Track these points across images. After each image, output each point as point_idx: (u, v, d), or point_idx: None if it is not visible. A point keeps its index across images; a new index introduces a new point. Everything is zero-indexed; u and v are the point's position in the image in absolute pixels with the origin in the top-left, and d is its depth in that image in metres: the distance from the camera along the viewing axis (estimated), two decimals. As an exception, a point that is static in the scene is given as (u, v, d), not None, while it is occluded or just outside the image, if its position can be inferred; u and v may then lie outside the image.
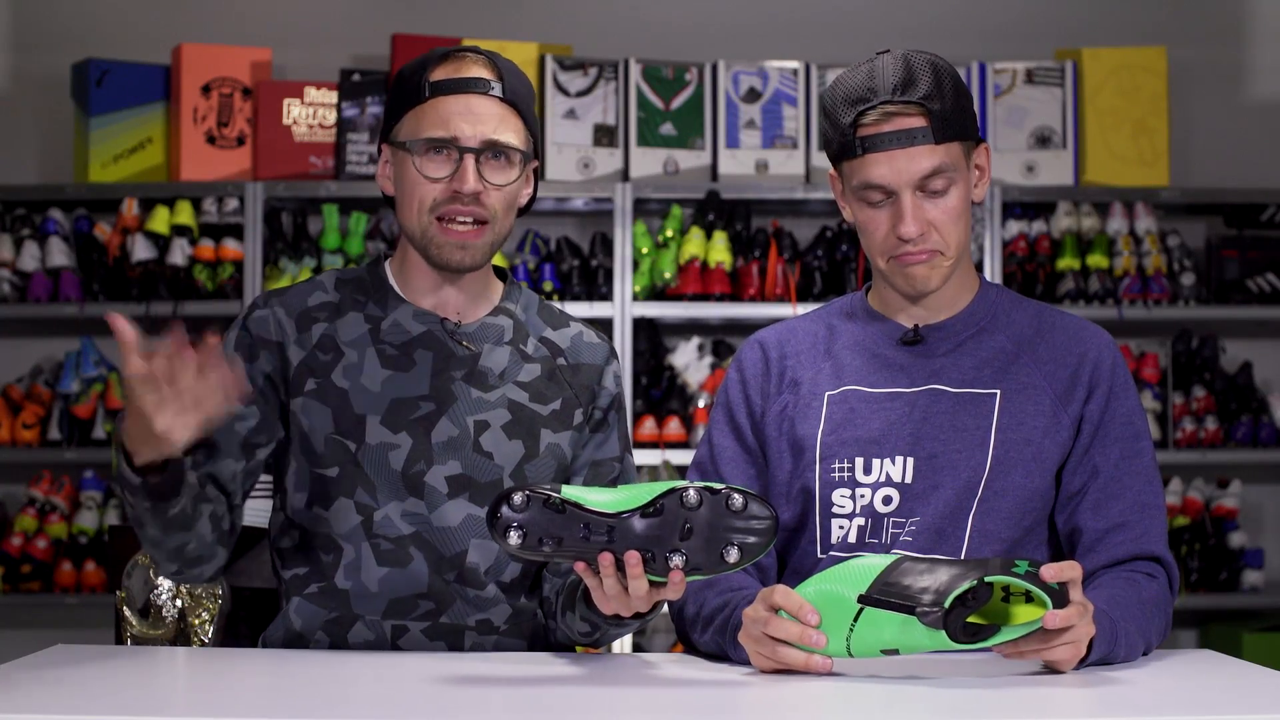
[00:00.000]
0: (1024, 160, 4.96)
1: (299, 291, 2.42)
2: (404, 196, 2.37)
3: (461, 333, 2.40)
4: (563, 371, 2.44)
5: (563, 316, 2.50)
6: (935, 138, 2.26)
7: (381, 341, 2.38)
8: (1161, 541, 2.30)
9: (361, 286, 2.43)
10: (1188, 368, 5.10)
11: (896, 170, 2.26)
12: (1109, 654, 2.10)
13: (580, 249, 5.02)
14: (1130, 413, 2.34)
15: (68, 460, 4.95)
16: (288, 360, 2.37)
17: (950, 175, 2.28)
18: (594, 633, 2.30)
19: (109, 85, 4.90)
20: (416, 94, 2.35)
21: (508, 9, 5.25)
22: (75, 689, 1.96)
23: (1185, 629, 5.17)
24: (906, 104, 2.26)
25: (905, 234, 2.26)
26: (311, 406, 2.35)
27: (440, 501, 2.33)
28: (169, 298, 4.84)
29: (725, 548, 1.99)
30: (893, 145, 2.25)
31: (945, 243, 2.30)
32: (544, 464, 2.39)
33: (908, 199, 2.26)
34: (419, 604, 2.32)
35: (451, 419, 2.35)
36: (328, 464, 2.34)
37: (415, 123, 2.35)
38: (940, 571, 1.98)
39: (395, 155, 2.38)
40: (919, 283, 2.31)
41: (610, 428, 2.47)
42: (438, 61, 2.37)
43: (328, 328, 2.39)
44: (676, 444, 4.86)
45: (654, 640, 4.95)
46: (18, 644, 4.05)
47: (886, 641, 2.00)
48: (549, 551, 2.00)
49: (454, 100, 2.34)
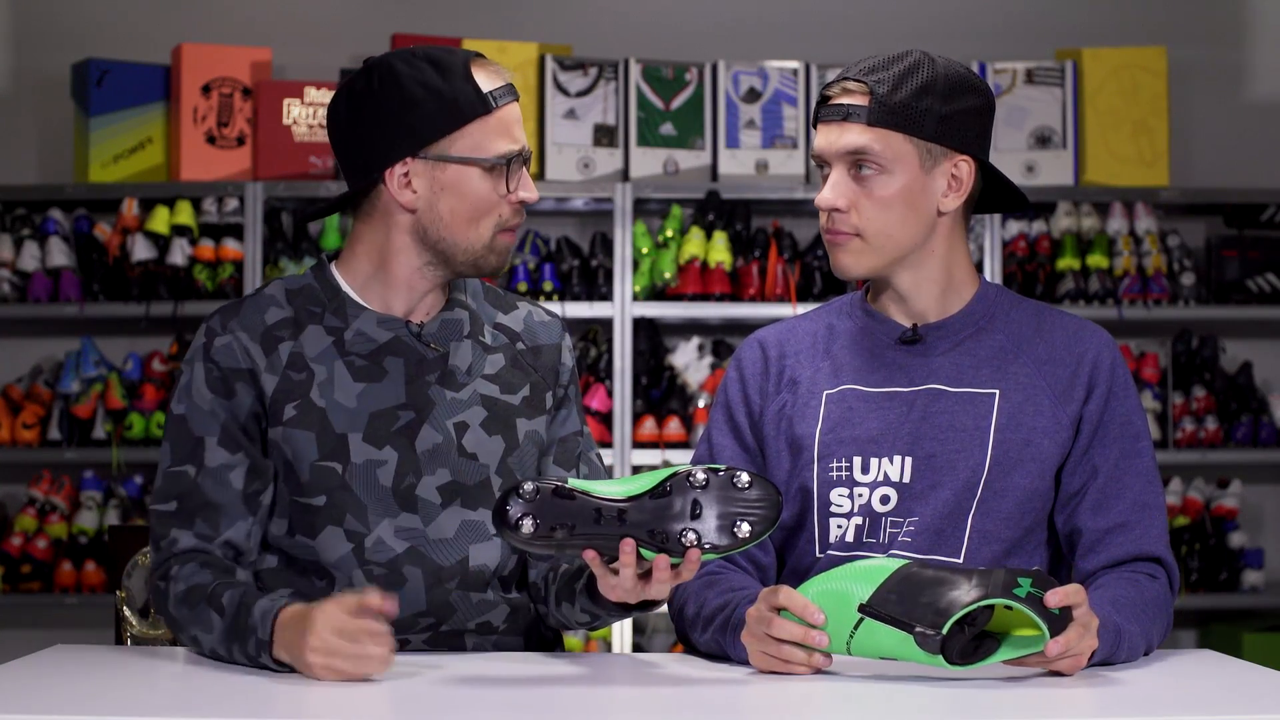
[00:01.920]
0: (1024, 160, 4.96)
1: (253, 309, 2.31)
2: (463, 212, 2.27)
3: (426, 333, 2.34)
4: (524, 356, 2.41)
5: (509, 298, 2.45)
6: (868, 119, 2.27)
7: (348, 353, 2.30)
8: (1162, 542, 2.30)
9: (313, 297, 2.33)
10: (1188, 368, 5.09)
11: (829, 141, 2.31)
12: (1111, 655, 2.10)
13: (580, 249, 5.02)
14: (1130, 412, 2.34)
15: (68, 460, 4.95)
16: (262, 389, 2.28)
17: (883, 163, 2.28)
18: (594, 621, 2.30)
19: (109, 85, 4.90)
20: (479, 105, 2.25)
21: (508, 9, 5.25)
22: (75, 689, 1.96)
23: (1185, 629, 5.17)
24: (856, 82, 2.29)
25: (820, 200, 2.31)
26: (293, 435, 2.27)
27: (435, 514, 2.30)
28: (169, 298, 4.84)
29: (736, 523, 2.01)
30: (830, 118, 2.31)
31: (865, 228, 2.30)
32: (526, 453, 2.37)
33: (834, 171, 2.31)
34: (419, 620, 2.30)
35: (433, 425, 2.31)
36: (313, 493, 2.27)
37: (480, 136, 2.26)
38: (942, 587, 1.98)
39: (441, 169, 2.26)
40: (839, 266, 2.33)
41: (570, 402, 2.45)
42: (467, 68, 2.27)
43: (294, 345, 2.30)
44: (676, 444, 4.86)
45: (654, 640, 4.95)
46: (18, 644, 4.05)
47: (885, 651, 2.01)
48: (561, 538, 1.99)
49: (511, 109, 2.29)
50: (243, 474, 2.27)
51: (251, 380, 2.28)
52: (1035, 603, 1.95)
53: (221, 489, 2.25)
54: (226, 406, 2.27)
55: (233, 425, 2.27)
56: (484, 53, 2.37)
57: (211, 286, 4.83)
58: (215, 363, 2.28)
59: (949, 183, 2.32)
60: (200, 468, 2.26)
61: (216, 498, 2.25)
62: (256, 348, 2.28)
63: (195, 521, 2.25)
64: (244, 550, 2.27)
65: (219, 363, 2.28)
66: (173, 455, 2.28)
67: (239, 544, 2.26)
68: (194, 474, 2.26)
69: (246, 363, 2.28)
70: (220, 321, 2.31)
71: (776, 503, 2.02)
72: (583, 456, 2.44)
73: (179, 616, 2.20)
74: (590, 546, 2.01)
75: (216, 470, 2.26)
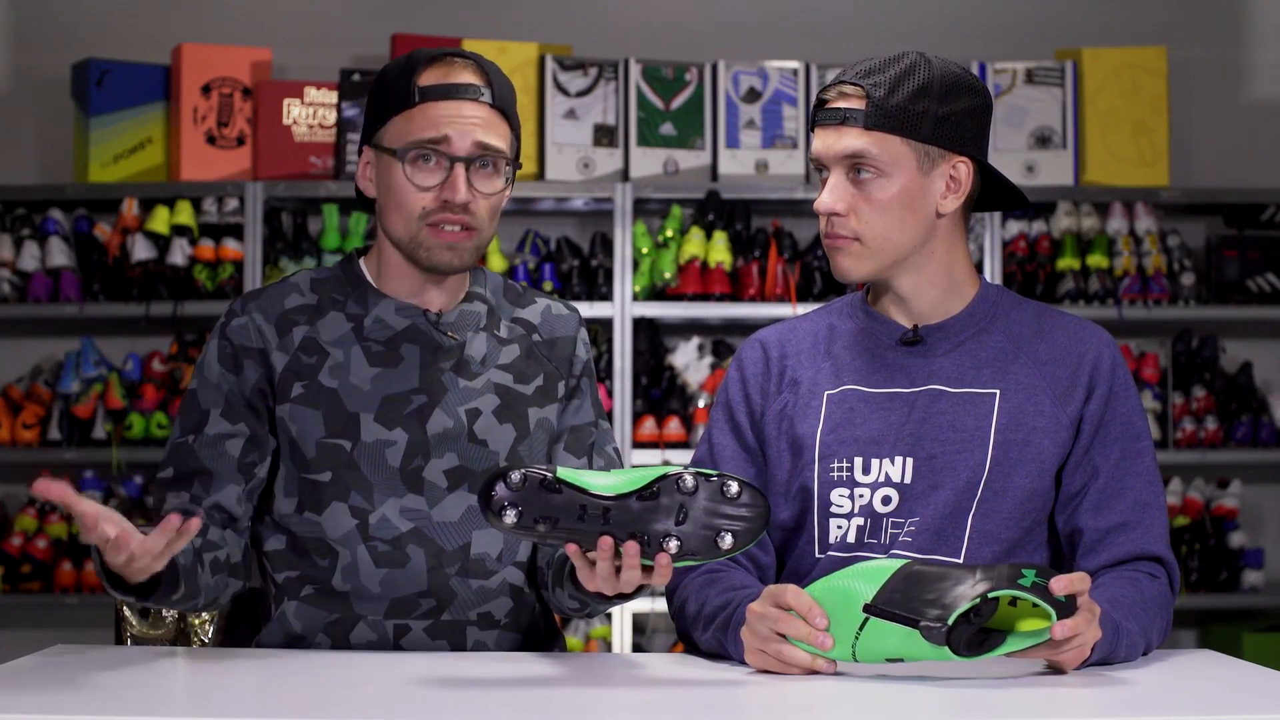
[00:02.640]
0: (1024, 160, 4.96)
1: (274, 294, 2.41)
2: (390, 202, 2.35)
3: (444, 323, 2.40)
4: (539, 348, 2.45)
5: (528, 293, 2.50)
6: (865, 123, 2.27)
7: (366, 339, 2.38)
8: (1163, 541, 2.30)
9: (338, 285, 2.42)
10: (1188, 368, 5.09)
11: (826, 145, 2.31)
12: (1110, 654, 2.10)
13: (580, 249, 5.02)
14: (1130, 413, 2.34)
15: (68, 460, 4.95)
16: (272, 367, 2.36)
17: (881, 166, 2.28)
18: (583, 609, 2.33)
19: (109, 85, 4.90)
20: (405, 98, 2.32)
21: (508, 9, 5.25)
22: (75, 689, 1.96)
23: (1185, 629, 5.17)
24: (852, 85, 2.29)
25: (819, 205, 2.31)
26: (299, 412, 2.34)
27: (440, 496, 2.34)
28: (169, 298, 4.84)
29: (719, 534, 2.00)
30: (827, 121, 2.31)
31: (864, 232, 2.30)
32: (537, 440, 2.41)
33: (832, 175, 2.31)
34: (420, 602, 2.32)
35: (445, 410, 2.36)
36: (319, 469, 2.34)
37: (403, 128, 2.32)
38: (947, 582, 1.98)
39: (380, 159, 2.36)
40: (839, 270, 2.33)
41: (584, 394, 2.49)
42: (425, 65, 2.33)
43: (308, 330, 2.38)
44: (676, 444, 4.86)
45: (654, 640, 4.95)
46: (18, 644, 4.04)
47: (891, 650, 2.00)
48: (543, 531, 1.99)
49: (444, 106, 2.31)
50: (240, 444, 2.35)
51: (261, 359, 2.36)
52: (1041, 591, 1.96)
53: (217, 456, 2.34)
54: (233, 381, 2.36)
55: (236, 399, 2.36)
56: (484, 53, 2.40)
57: (211, 286, 4.83)
58: (229, 339, 2.38)
59: (947, 184, 2.32)
60: (199, 435, 2.35)
61: (211, 464, 2.34)
62: (270, 328, 2.37)
63: (190, 484, 2.34)
64: (235, 515, 2.35)
65: (232, 340, 2.38)
66: (180, 428, 2.38)
67: (229, 507, 2.34)
68: (192, 442, 2.36)
69: (258, 342, 2.37)
70: (241, 304, 2.41)
71: (764, 514, 2.00)
72: (597, 448, 2.46)
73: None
74: (571, 541, 2.01)
75: (214, 438, 2.35)
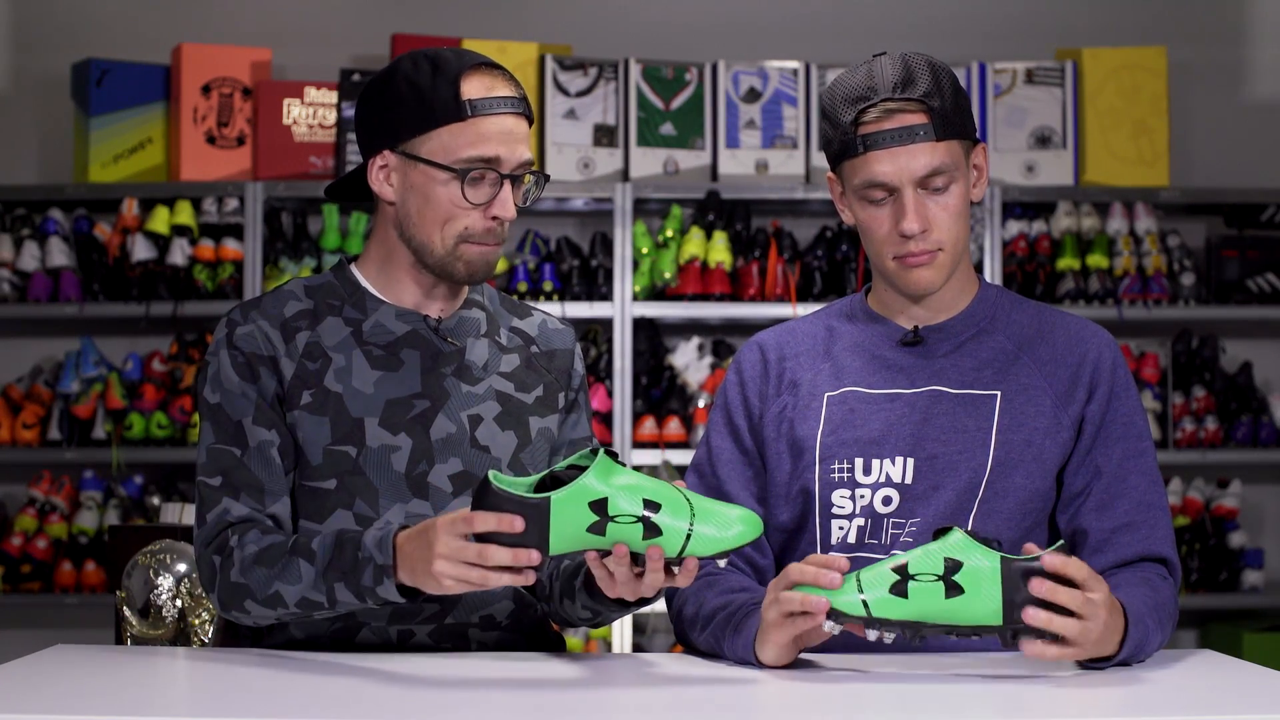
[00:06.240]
0: (1024, 160, 4.96)
1: (273, 301, 2.38)
2: (428, 214, 2.31)
3: (444, 328, 2.39)
4: (538, 359, 2.45)
5: (524, 306, 2.50)
6: (936, 135, 2.26)
7: (366, 343, 2.36)
8: (1168, 542, 2.30)
9: (333, 292, 2.40)
10: (1188, 368, 5.10)
11: (899, 167, 2.26)
12: (1134, 654, 2.10)
13: (580, 249, 5.02)
14: (1131, 413, 2.34)
15: (68, 460, 4.95)
16: (282, 374, 2.34)
17: (951, 173, 2.28)
18: (595, 618, 2.32)
19: (109, 85, 4.90)
20: (453, 111, 2.28)
21: (508, 9, 5.25)
22: (75, 689, 1.96)
23: (1185, 629, 5.17)
24: (908, 101, 2.26)
25: (908, 229, 2.26)
26: (306, 420, 2.32)
27: (445, 502, 2.33)
28: (169, 298, 4.84)
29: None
30: (895, 142, 2.26)
31: (945, 241, 2.30)
32: (538, 448, 2.40)
33: (909, 195, 2.27)
34: (424, 606, 2.31)
35: (447, 415, 2.35)
36: (323, 476, 2.32)
37: (451, 143, 2.28)
38: None
39: (411, 167, 2.31)
40: (923, 285, 2.31)
41: (581, 408, 2.49)
42: (464, 74, 2.29)
43: (310, 335, 2.36)
44: (676, 444, 4.86)
45: (654, 640, 4.95)
46: (18, 644, 4.04)
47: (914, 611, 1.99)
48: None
49: (494, 121, 2.29)
50: (279, 452, 2.32)
51: (273, 366, 2.34)
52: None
53: (265, 466, 2.30)
54: (255, 389, 2.33)
55: (263, 405, 2.33)
56: (484, 53, 2.38)
57: (211, 286, 4.83)
58: (239, 349, 2.34)
59: (975, 173, 2.34)
60: (245, 448, 2.31)
61: (260, 475, 2.30)
62: (276, 334, 2.35)
63: (243, 495, 2.30)
64: (287, 529, 2.32)
65: (242, 349, 2.34)
66: (216, 434, 2.33)
67: (283, 520, 2.32)
68: (240, 454, 2.31)
69: (268, 349, 2.34)
70: (241, 313, 2.37)
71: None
72: None
73: (250, 580, 2.23)
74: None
75: (259, 447, 2.31)
